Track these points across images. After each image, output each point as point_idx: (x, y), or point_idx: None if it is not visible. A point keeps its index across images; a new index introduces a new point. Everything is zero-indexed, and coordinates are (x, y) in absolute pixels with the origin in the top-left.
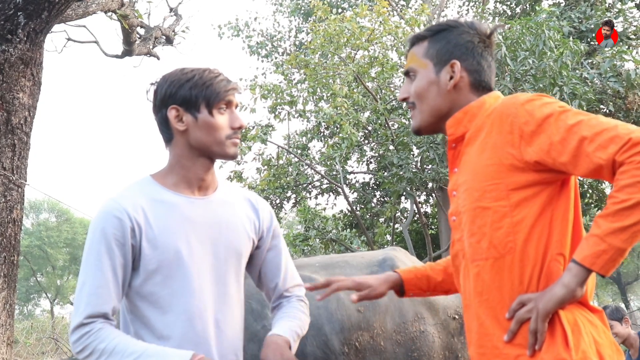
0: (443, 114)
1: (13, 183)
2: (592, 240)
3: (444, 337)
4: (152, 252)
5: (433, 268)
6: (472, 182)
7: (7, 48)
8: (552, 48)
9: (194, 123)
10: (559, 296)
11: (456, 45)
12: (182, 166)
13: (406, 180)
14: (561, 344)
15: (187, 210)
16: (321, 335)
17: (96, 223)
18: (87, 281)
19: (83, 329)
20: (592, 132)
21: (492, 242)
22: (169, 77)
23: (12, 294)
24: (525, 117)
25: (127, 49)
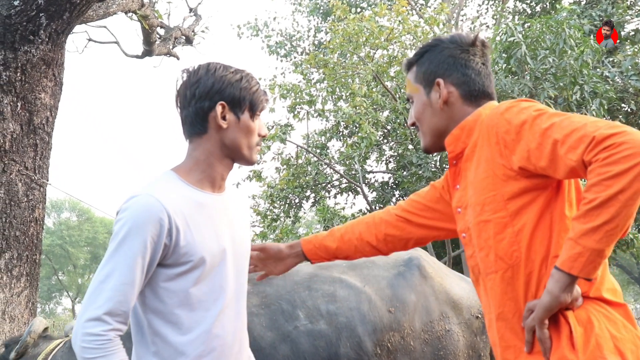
0: (442, 131)
1: (35, 182)
2: (568, 244)
3: (468, 336)
4: (187, 252)
5: (333, 234)
6: (473, 197)
7: (29, 49)
8: (573, 46)
9: (236, 123)
10: (545, 304)
11: (438, 64)
12: (209, 164)
13: (425, 180)
14: (567, 345)
15: (212, 208)
16: (354, 337)
17: (135, 218)
18: (114, 275)
19: (98, 327)
20: (563, 134)
21: (498, 254)
22: (215, 71)
23: (34, 293)
24: (505, 126)
25: (147, 49)
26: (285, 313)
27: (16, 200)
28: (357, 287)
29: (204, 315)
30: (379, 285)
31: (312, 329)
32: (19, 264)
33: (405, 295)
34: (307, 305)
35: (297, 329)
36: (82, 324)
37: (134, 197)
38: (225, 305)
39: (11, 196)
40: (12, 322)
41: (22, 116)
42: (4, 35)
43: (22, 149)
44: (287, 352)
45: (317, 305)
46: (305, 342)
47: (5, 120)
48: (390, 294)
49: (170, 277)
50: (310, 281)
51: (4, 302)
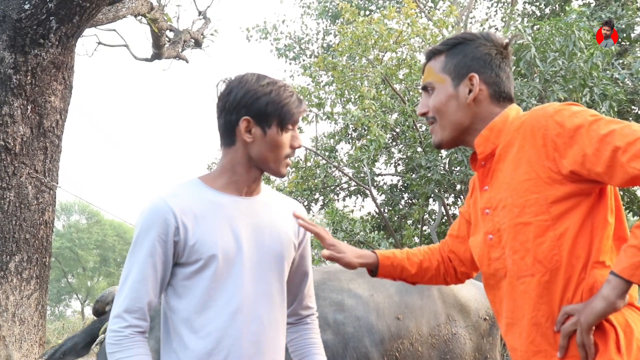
0: (464, 127)
1: (45, 185)
2: (630, 251)
3: (475, 339)
4: (198, 249)
5: (410, 259)
6: (510, 198)
7: (40, 52)
8: (582, 49)
9: (262, 137)
10: (599, 309)
11: (474, 59)
12: (235, 172)
13: (434, 182)
14: (613, 349)
15: (232, 209)
16: (361, 347)
17: (143, 220)
18: (130, 275)
19: (117, 324)
20: (625, 142)
21: (537, 257)
22: (246, 83)
23: (44, 295)
24: (556, 129)
25: (157, 52)
26: None
27: (26, 203)
28: (365, 296)
29: (217, 314)
30: (387, 292)
31: None
32: (29, 266)
33: (413, 300)
34: None
35: None
36: (111, 319)
37: (148, 202)
38: (239, 307)
39: (21, 199)
40: (22, 324)
41: (32, 119)
42: (15, 39)
43: (32, 152)
44: None
45: (325, 315)
46: None
47: (15, 123)
48: (398, 300)
49: (187, 275)
50: (318, 289)
51: (14, 305)
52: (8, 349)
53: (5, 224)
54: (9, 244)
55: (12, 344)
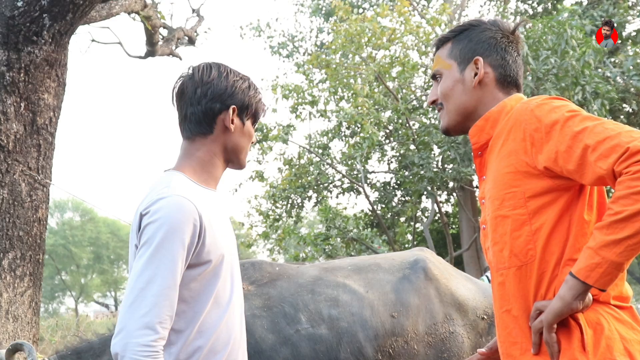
0: (469, 111)
1: (38, 183)
2: (587, 252)
3: (473, 337)
4: (210, 250)
5: None
6: (494, 190)
7: (33, 50)
8: (574, 47)
9: (241, 128)
10: (555, 309)
11: (478, 42)
12: (214, 164)
13: (427, 180)
14: (577, 347)
15: (217, 205)
16: (355, 342)
17: (172, 219)
18: (157, 280)
19: (149, 337)
20: (595, 141)
21: (513, 250)
22: (226, 75)
23: (38, 292)
24: (535, 124)
25: (150, 50)
26: (287, 316)
27: (19, 201)
28: (360, 292)
29: (220, 312)
30: (382, 289)
31: (313, 333)
32: (23, 263)
33: (409, 299)
34: (309, 309)
35: (298, 332)
36: (133, 333)
37: (163, 198)
38: (234, 301)
39: (14, 196)
40: (15, 321)
41: (26, 117)
42: (8, 36)
43: (25, 149)
44: (288, 356)
45: (320, 310)
46: (306, 346)
47: (8, 120)
48: (394, 299)
49: (193, 277)
50: (314, 284)
51: (8, 302)
52: (1, 346)
53: None
54: (3, 241)
55: (5, 340)
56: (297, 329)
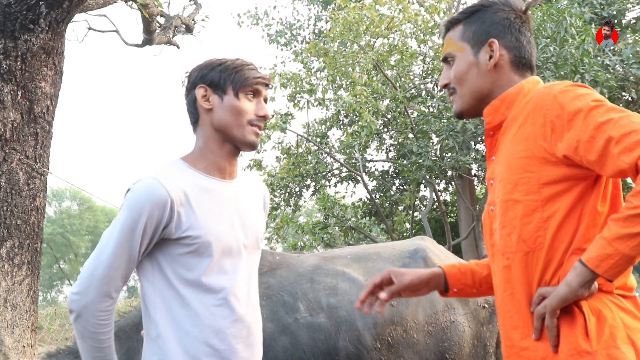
0: (484, 95)
1: (36, 171)
2: (600, 242)
3: (474, 327)
4: (191, 234)
5: (478, 263)
6: (506, 173)
7: (29, 38)
8: (574, 35)
9: (219, 104)
10: (561, 295)
11: (492, 24)
12: (211, 150)
13: (425, 168)
14: (581, 335)
15: (221, 195)
16: (354, 331)
17: (135, 197)
18: (108, 249)
19: (105, 303)
20: (620, 133)
21: (522, 236)
22: (203, 63)
23: (36, 281)
24: (557, 110)
25: (148, 38)
26: (286, 305)
27: (17, 189)
28: (359, 280)
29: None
30: None
31: (312, 322)
32: (21, 252)
33: None
34: (308, 298)
35: (297, 321)
36: (93, 299)
37: (139, 181)
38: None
39: (12, 185)
40: (14, 310)
41: (23, 105)
42: (4, 24)
43: (22, 138)
44: (286, 344)
45: (318, 298)
46: (305, 335)
47: (5, 109)
48: None
49: (183, 253)
50: (314, 273)
51: (6, 290)
52: (0, 334)
53: None
54: (0, 229)
55: (4, 329)
56: (296, 318)
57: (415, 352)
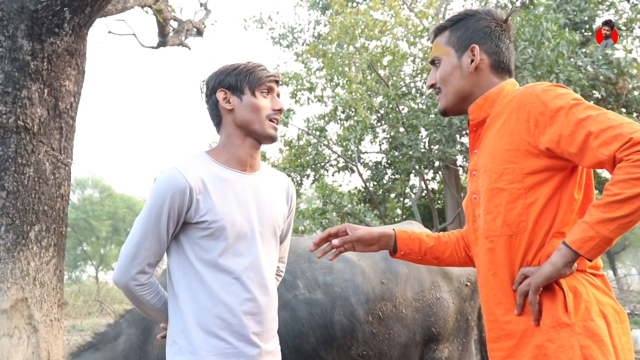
0: (466, 95)
1: (61, 162)
2: (582, 226)
3: (457, 302)
4: (208, 219)
5: (428, 235)
6: (491, 164)
7: (55, 40)
8: (550, 38)
9: (239, 103)
10: (546, 273)
11: (474, 31)
12: (233, 144)
13: (415, 159)
14: (561, 309)
15: (238, 185)
16: (348, 306)
17: (159, 188)
18: (138, 232)
19: (144, 278)
20: (599, 129)
21: (506, 220)
22: (217, 70)
23: (62, 261)
24: (540, 107)
25: (162, 40)
26: (286, 283)
27: (44, 178)
28: (353, 260)
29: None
30: (373, 259)
31: (310, 298)
32: (47, 235)
33: (398, 268)
34: (306, 276)
35: (296, 297)
36: (129, 276)
37: (162, 171)
38: (249, 272)
39: (39, 174)
40: (42, 287)
41: (49, 102)
42: (32, 28)
43: (49, 132)
44: (287, 318)
45: (316, 277)
46: (303, 310)
47: (33, 105)
48: (383, 267)
49: (201, 236)
50: (311, 254)
51: (35, 270)
52: (30, 309)
53: (25, 197)
54: (29, 215)
55: (33, 304)
56: (295, 294)
57: (403, 325)
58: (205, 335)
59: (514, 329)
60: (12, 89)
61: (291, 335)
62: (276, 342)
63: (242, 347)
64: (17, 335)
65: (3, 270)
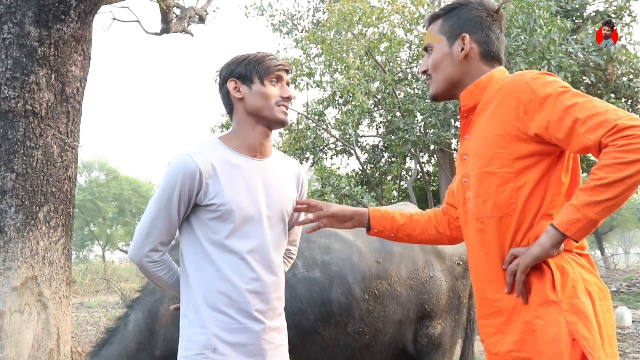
0: (456, 81)
1: (68, 145)
2: (569, 209)
3: (450, 281)
4: (217, 202)
5: (401, 214)
6: (481, 149)
7: (61, 27)
8: (542, 25)
9: (249, 92)
10: (535, 254)
11: (466, 21)
12: (244, 131)
13: (411, 143)
14: (549, 287)
15: (247, 171)
16: (345, 284)
17: (170, 171)
18: (151, 212)
19: (157, 255)
20: (585, 115)
21: (497, 203)
22: (230, 60)
23: (69, 241)
24: (529, 95)
25: (165, 27)
26: None
27: (52, 161)
28: (350, 240)
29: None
30: (369, 239)
31: (308, 277)
32: (56, 216)
33: (392, 247)
34: (304, 256)
35: (295, 276)
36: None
37: (175, 155)
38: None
39: (47, 157)
40: (51, 266)
41: (56, 87)
42: (39, 15)
43: (56, 116)
44: (286, 296)
45: (314, 256)
46: (302, 288)
47: (41, 90)
48: (379, 247)
49: (210, 218)
50: (309, 235)
51: (44, 249)
52: (40, 286)
53: (34, 179)
54: (38, 196)
55: (42, 282)
56: (294, 273)
57: (398, 303)
58: (212, 310)
59: (503, 306)
60: (20, 74)
61: (290, 312)
62: (282, 319)
63: (247, 322)
64: (28, 311)
65: (13, 249)
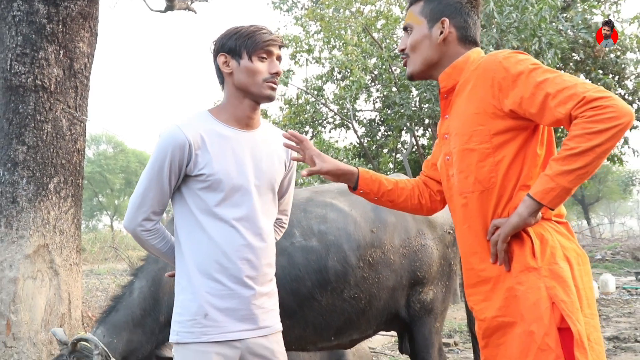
0: (433, 63)
1: (76, 119)
2: (544, 179)
3: (441, 249)
4: (205, 172)
5: (388, 179)
6: (461, 127)
7: (69, 4)
8: (533, 3)
9: (237, 67)
10: (513, 223)
11: (447, 5)
12: (232, 104)
13: (406, 117)
14: (529, 254)
15: (236, 142)
16: (340, 252)
17: (160, 143)
18: (143, 183)
19: (150, 224)
20: (555, 90)
21: (478, 178)
22: (223, 33)
23: (79, 211)
24: (502, 73)
25: (169, 5)
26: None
27: (61, 134)
28: (345, 210)
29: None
30: (364, 209)
31: (306, 245)
32: (65, 187)
33: (386, 217)
34: (302, 225)
35: (293, 244)
36: (136, 222)
37: (165, 129)
38: (244, 222)
39: (57, 130)
40: (61, 234)
41: (64, 62)
42: None
43: (64, 91)
44: (285, 264)
45: (311, 225)
46: (300, 256)
47: (50, 66)
48: (373, 216)
49: (200, 188)
50: (306, 204)
51: (55, 218)
52: (51, 254)
53: (44, 151)
54: (48, 168)
55: (54, 250)
56: (292, 242)
57: (391, 270)
58: (203, 277)
59: (488, 276)
60: (30, 50)
61: (288, 280)
62: (272, 285)
63: (237, 288)
64: (40, 278)
65: (26, 218)
